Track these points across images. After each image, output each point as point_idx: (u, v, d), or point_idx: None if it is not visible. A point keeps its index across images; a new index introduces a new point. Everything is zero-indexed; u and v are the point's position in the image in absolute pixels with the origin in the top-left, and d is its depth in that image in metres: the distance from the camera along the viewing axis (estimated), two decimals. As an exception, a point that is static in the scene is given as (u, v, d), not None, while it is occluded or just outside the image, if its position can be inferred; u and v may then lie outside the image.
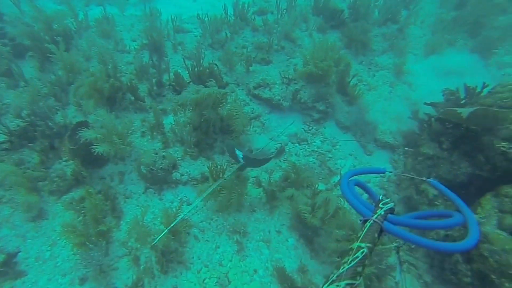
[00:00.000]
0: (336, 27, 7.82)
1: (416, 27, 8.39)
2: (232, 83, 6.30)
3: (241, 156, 4.39)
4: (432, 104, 4.77)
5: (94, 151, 4.26)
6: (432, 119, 4.67)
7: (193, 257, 4.04)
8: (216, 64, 6.12)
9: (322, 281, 2.10)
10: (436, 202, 4.18)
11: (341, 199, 4.42)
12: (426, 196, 4.30)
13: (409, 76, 7.10)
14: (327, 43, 5.93)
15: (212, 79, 5.33)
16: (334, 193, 4.83)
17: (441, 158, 4.29)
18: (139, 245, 4.03)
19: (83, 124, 4.74)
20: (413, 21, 8.35)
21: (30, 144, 4.80)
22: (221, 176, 4.44)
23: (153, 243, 3.80)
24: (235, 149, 4.40)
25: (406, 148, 5.19)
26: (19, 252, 3.99)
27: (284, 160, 5.39)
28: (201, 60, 5.87)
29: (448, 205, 4.16)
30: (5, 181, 4.36)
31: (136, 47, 6.93)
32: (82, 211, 4.16)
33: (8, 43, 6.02)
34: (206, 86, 5.02)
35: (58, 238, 4.09)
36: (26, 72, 5.80)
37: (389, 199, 1.88)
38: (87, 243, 3.74)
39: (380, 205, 1.82)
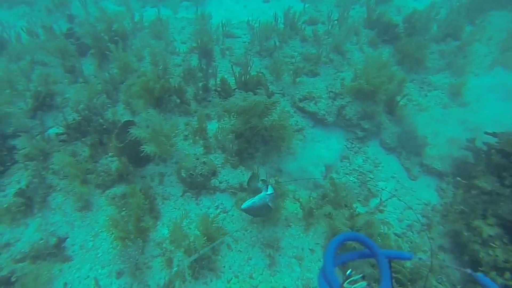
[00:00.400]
0: (389, 42, 7.52)
1: (481, 44, 7.74)
2: (277, 93, 6.26)
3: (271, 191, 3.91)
4: (494, 135, 4.38)
5: (142, 151, 4.44)
6: (493, 150, 4.28)
7: (224, 266, 4.04)
8: (262, 73, 6.13)
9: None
10: (493, 244, 3.80)
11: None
12: (479, 235, 3.92)
13: (467, 97, 6.58)
14: (381, 58, 5.69)
15: (261, 87, 5.34)
16: (376, 216, 4.62)
17: (502, 195, 3.91)
18: (173, 248, 4.11)
19: (130, 124, 4.97)
20: (478, 37, 7.71)
21: (82, 139, 5.10)
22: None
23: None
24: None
25: (458, 178, 4.80)
26: (68, 238, 4.26)
27: (325, 178, 5.25)
28: (249, 68, 5.90)
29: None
30: (61, 171, 4.70)
31: (185, 49, 7.14)
32: (124, 208, 4.34)
33: (74, 42, 6.48)
34: (255, 94, 5.03)
35: (100, 231, 4.32)
36: (85, 69, 6.21)
37: (360, 275, 1.49)
38: (127, 240, 3.88)
39: (345, 285, 1.43)
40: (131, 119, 5.42)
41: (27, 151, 4.84)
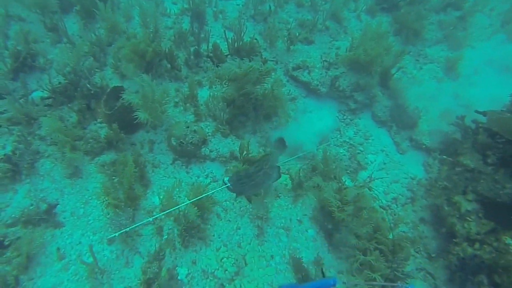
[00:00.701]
0: (388, 10, 7.24)
1: (483, 15, 7.51)
2: (271, 60, 6.08)
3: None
4: (483, 113, 4.41)
5: (132, 117, 4.35)
6: (481, 129, 4.34)
7: (213, 235, 4.17)
8: (256, 39, 5.89)
9: (335, 276, 2.03)
10: (468, 218, 4.00)
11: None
12: (458, 209, 4.11)
13: (464, 71, 6.49)
14: (380, 29, 5.51)
15: (257, 54, 5.15)
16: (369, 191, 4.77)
17: (483, 173, 4.04)
18: (163, 216, 4.19)
19: (119, 90, 4.80)
20: (480, 8, 7.46)
21: (69, 104, 4.93)
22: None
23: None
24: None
25: (444, 157, 4.90)
26: (58, 204, 4.28)
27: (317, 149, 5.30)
28: (242, 34, 5.65)
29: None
30: (48, 137, 4.59)
31: (176, 11, 6.74)
32: (114, 176, 4.33)
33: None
34: (250, 61, 4.88)
35: (90, 198, 4.33)
36: (69, 28, 5.81)
37: None
38: (117, 209, 3.92)
39: None
40: (119, 84, 5.24)
41: (11, 115, 4.68)
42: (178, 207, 3.79)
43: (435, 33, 7.16)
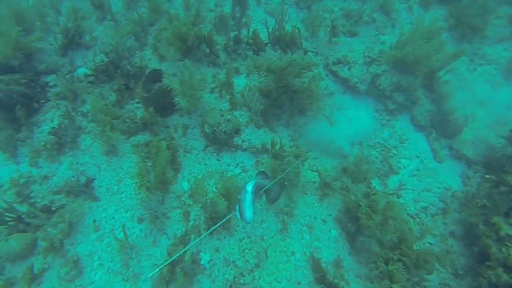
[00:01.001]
0: (444, 2, 6.62)
1: None
2: (311, 51, 5.88)
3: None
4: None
5: (167, 101, 4.44)
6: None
7: (238, 225, 4.28)
8: (298, 29, 5.69)
9: (353, 280, 1.83)
10: (508, 243, 3.76)
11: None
12: (497, 231, 3.87)
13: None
14: (434, 26, 5.10)
15: (298, 46, 5.00)
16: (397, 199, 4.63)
17: (531, 198, 3.75)
18: (191, 202, 4.34)
19: (157, 73, 4.89)
20: None
21: (109, 83, 5.11)
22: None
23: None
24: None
25: (487, 176, 4.56)
26: (95, 179, 4.56)
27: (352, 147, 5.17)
28: (284, 23, 5.47)
29: None
30: (89, 113, 4.84)
31: (219, -8, 6.62)
32: (146, 159, 4.50)
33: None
34: (292, 53, 4.76)
35: (124, 176, 4.57)
36: (113, 4, 5.91)
37: None
38: (148, 191, 4.11)
39: None
40: (158, 65, 5.34)
41: (59, 90, 4.95)
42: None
43: (501, 29, 6.40)
